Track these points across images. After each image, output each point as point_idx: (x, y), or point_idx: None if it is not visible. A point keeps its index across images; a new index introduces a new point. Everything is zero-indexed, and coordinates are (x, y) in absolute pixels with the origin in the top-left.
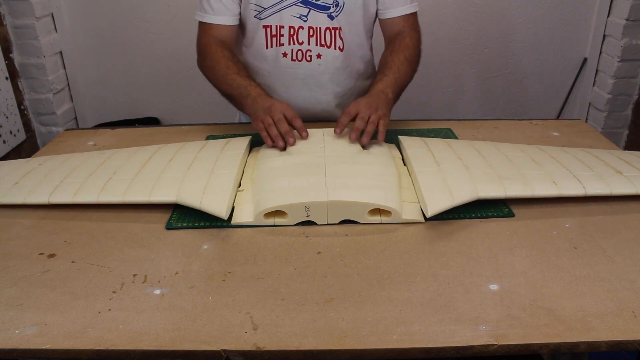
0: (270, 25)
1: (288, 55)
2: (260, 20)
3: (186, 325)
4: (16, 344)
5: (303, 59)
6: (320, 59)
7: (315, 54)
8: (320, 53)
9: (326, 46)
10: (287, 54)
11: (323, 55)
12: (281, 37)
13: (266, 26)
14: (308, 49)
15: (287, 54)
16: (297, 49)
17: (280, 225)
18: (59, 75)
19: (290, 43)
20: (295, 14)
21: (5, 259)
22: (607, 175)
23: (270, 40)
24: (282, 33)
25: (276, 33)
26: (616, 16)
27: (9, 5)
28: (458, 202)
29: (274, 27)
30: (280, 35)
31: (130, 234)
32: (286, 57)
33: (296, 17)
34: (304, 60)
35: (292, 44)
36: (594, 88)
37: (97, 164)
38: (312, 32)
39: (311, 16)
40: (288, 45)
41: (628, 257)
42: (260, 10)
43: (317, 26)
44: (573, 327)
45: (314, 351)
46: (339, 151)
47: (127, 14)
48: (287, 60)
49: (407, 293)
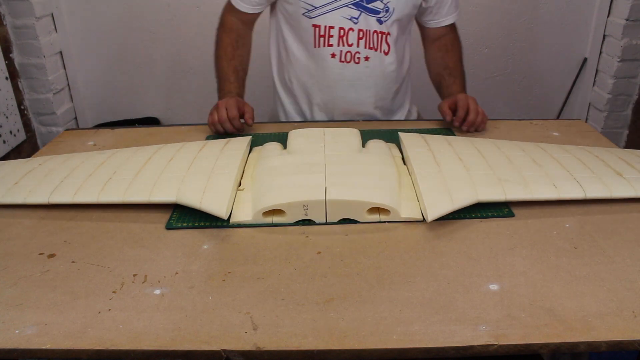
0: (320, 25)
1: (337, 56)
2: (309, 19)
3: (186, 325)
4: (16, 344)
5: (352, 60)
6: (368, 62)
7: (363, 57)
8: (369, 56)
9: (374, 49)
10: (335, 55)
11: (371, 58)
12: (330, 38)
13: (315, 25)
14: (357, 51)
15: (335, 55)
16: (346, 51)
17: (279, 225)
18: (59, 75)
19: (339, 44)
20: (347, 16)
21: (5, 259)
22: (607, 178)
23: (319, 40)
24: (332, 34)
25: (324, 33)
26: (616, 16)
27: (9, 5)
28: (458, 207)
29: (322, 27)
30: (329, 36)
31: (130, 234)
32: (334, 57)
33: (347, 18)
34: (352, 62)
35: (342, 45)
36: (594, 88)
37: (97, 164)
38: (362, 34)
39: (362, 19)
40: (337, 47)
41: (628, 257)
42: (311, 9)
43: (367, 29)
44: (573, 327)
45: (314, 351)
46: (339, 150)
47: (127, 14)
48: (335, 60)
49: (407, 293)
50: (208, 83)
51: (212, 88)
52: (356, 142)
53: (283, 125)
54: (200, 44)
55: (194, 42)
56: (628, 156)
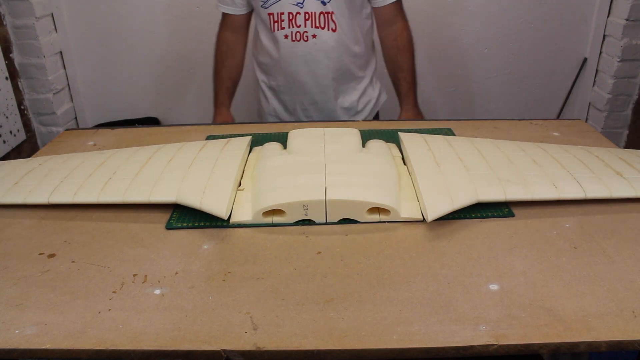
0: (273, 13)
1: (288, 37)
2: (265, 9)
3: (186, 325)
4: (16, 344)
5: (301, 39)
6: (315, 39)
7: (311, 35)
8: (316, 34)
9: (320, 27)
10: (287, 36)
11: (318, 35)
12: (282, 22)
13: (270, 13)
14: (305, 31)
15: (287, 36)
16: (295, 31)
17: (279, 225)
18: (59, 75)
19: (290, 26)
20: (293, 2)
21: (5, 259)
22: (607, 178)
23: (274, 25)
24: (283, 19)
25: (277, 19)
26: (616, 16)
27: (9, 5)
28: (458, 207)
29: (275, 14)
30: (281, 21)
31: (130, 234)
32: (287, 38)
33: (294, 4)
34: (302, 40)
35: (292, 27)
36: (594, 88)
37: (97, 164)
38: (308, 16)
39: (306, 3)
40: (288, 29)
41: (628, 257)
42: (265, 1)
43: (312, 11)
44: (573, 327)
45: (314, 351)
46: (339, 150)
47: (127, 14)
48: (287, 41)
49: (407, 293)
50: (208, 83)
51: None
52: (356, 142)
53: (283, 125)
54: (200, 44)
55: (194, 42)
56: (628, 156)
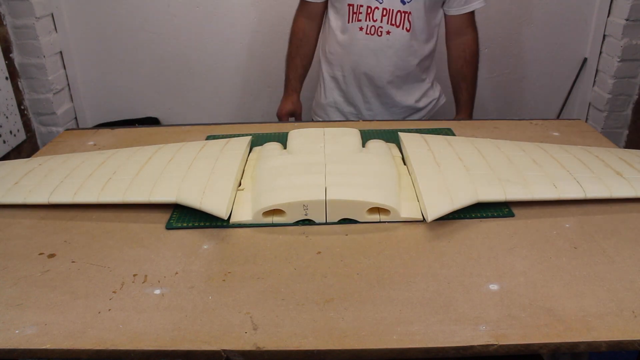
0: (353, 4)
1: (363, 30)
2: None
3: (186, 325)
4: (16, 344)
5: (375, 33)
6: (389, 35)
7: (385, 31)
8: (390, 31)
9: (395, 25)
10: (362, 28)
11: (392, 32)
12: (359, 14)
13: (350, 4)
14: (380, 26)
15: (362, 28)
16: (371, 25)
17: (279, 225)
18: (59, 75)
19: (366, 19)
20: None
21: (5, 259)
22: (607, 178)
23: (352, 16)
24: (361, 11)
25: (356, 11)
26: (616, 16)
27: (9, 5)
28: (458, 207)
29: (355, 5)
30: (359, 13)
31: (130, 234)
32: (362, 30)
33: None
34: (376, 35)
35: (368, 21)
36: (594, 88)
37: (97, 164)
38: (385, 12)
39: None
40: (364, 22)
41: (628, 257)
42: None
43: (390, 8)
44: (573, 327)
45: (314, 351)
46: (339, 150)
47: (127, 14)
48: (362, 33)
49: (407, 293)
50: (208, 83)
51: (212, 88)
52: (356, 142)
53: (283, 125)
54: (201, 43)
55: (194, 42)
56: (628, 156)
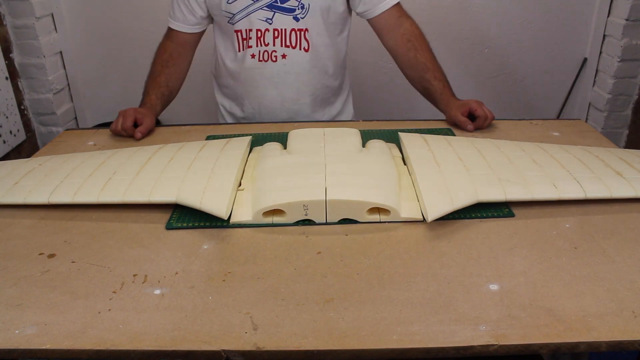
0: (241, 30)
1: (255, 56)
2: (232, 25)
3: (186, 325)
4: (16, 344)
5: (269, 59)
6: (285, 59)
7: (280, 54)
8: (285, 53)
9: (291, 47)
10: (254, 55)
11: (288, 55)
12: (249, 40)
13: (237, 30)
14: (273, 50)
15: (254, 55)
16: (263, 50)
17: (279, 225)
18: (59, 75)
19: (257, 45)
20: (262, 18)
21: (5, 259)
22: (607, 178)
23: (242, 43)
24: (251, 36)
25: (246, 36)
26: (616, 16)
27: (9, 5)
28: (458, 207)
29: (243, 30)
30: (249, 38)
31: (130, 234)
32: (254, 58)
33: (262, 20)
34: (270, 60)
35: (260, 46)
36: (594, 88)
37: (97, 164)
38: (277, 33)
39: (276, 19)
40: (256, 47)
41: (628, 257)
42: (231, 17)
43: (282, 28)
44: (573, 327)
45: (314, 351)
46: (339, 150)
47: (127, 14)
48: (254, 61)
49: (407, 293)
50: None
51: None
52: (356, 142)
53: (283, 125)
54: (200, 44)
55: None
56: (628, 156)
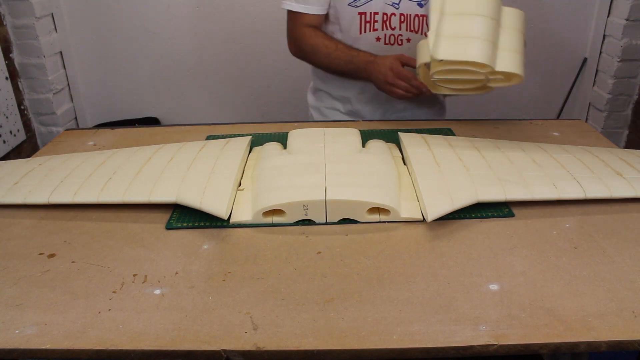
0: (365, 12)
1: (381, 40)
2: (355, 8)
3: (186, 325)
4: (16, 344)
5: (395, 43)
6: (410, 43)
7: (405, 39)
8: (410, 38)
9: (415, 32)
10: (380, 38)
11: (412, 40)
12: (375, 23)
13: (361, 13)
14: (399, 34)
15: (380, 38)
16: (389, 34)
17: (279, 225)
18: (59, 75)
19: (383, 28)
20: (389, 2)
21: (5, 259)
22: (607, 178)
23: (365, 25)
24: (376, 19)
25: (370, 19)
26: (616, 16)
27: (9, 5)
28: (458, 207)
29: (368, 14)
30: (374, 21)
31: (130, 234)
32: (379, 41)
33: (389, 4)
34: (396, 44)
35: (385, 29)
36: (594, 88)
37: (97, 164)
38: (403, 18)
39: (402, 4)
40: (381, 31)
41: (628, 257)
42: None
43: (408, 13)
44: (573, 327)
45: (314, 351)
46: (339, 150)
47: (127, 13)
48: (380, 44)
49: (407, 293)
50: (208, 83)
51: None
52: (356, 142)
53: (283, 125)
54: (200, 44)
55: (194, 42)
56: (628, 156)
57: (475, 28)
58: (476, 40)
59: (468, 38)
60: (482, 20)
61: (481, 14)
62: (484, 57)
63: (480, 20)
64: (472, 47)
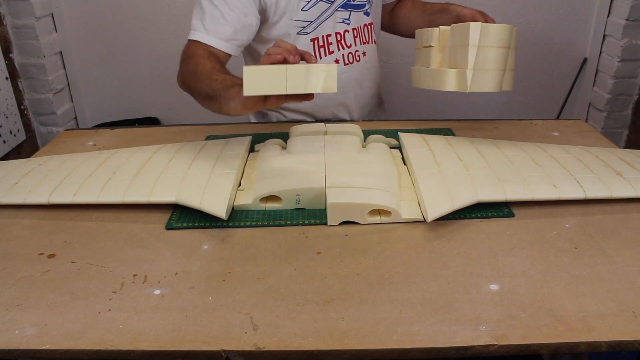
0: (317, 37)
1: (340, 61)
2: (306, 35)
3: (186, 326)
4: (16, 344)
5: (354, 60)
6: (365, 57)
7: (361, 53)
8: (365, 51)
9: (366, 42)
10: (339, 60)
11: (367, 52)
12: (329, 46)
13: (313, 39)
14: (356, 50)
15: (339, 60)
16: (347, 53)
17: (279, 226)
18: (59, 75)
19: (339, 49)
20: (339, 20)
21: (5, 259)
22: (607, 178)
23: (319, 51)
24: (330, 41)
25: (324, 43)
26: (616, 16)
27: (9, 5)
28: (458, 207)
29: (321, 37)
30: (328, 44)
31: (130, 234)
32: (338, 63)
33: (339, 22)
34: (355, 61)
35: (342, 49)
36: (594, 88)
37: (97, 164)
38: (356, 32)
39: (352, 17)
40: (338, 52)
41: (628, 257)
42: (306, 25)
43: (358, 25)
44: (573, 327)
45: (314, 351)
46: (339, 150)
47: (127, 14)
48: (340, 66)
49: (407, 293)
50: None
51: None
52: (356, 142)
53: (283, 125)
54: None
55: None
56: (628, 156)
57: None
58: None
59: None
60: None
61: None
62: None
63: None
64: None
